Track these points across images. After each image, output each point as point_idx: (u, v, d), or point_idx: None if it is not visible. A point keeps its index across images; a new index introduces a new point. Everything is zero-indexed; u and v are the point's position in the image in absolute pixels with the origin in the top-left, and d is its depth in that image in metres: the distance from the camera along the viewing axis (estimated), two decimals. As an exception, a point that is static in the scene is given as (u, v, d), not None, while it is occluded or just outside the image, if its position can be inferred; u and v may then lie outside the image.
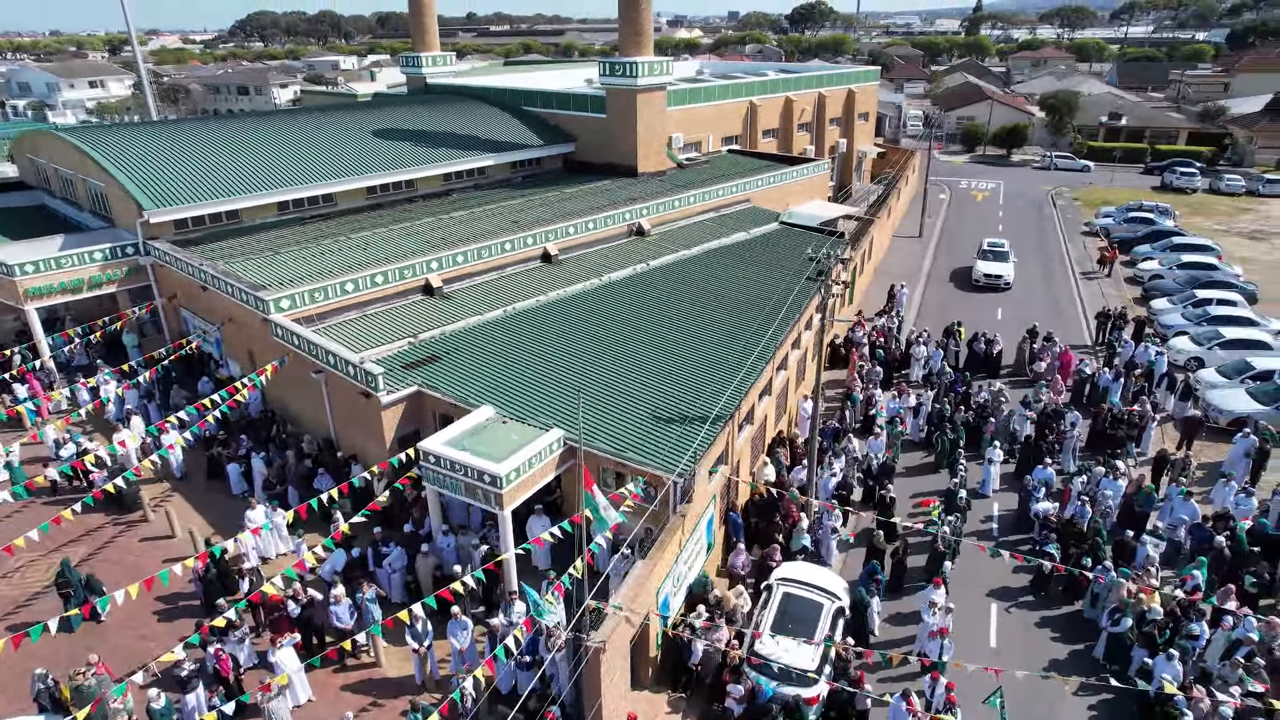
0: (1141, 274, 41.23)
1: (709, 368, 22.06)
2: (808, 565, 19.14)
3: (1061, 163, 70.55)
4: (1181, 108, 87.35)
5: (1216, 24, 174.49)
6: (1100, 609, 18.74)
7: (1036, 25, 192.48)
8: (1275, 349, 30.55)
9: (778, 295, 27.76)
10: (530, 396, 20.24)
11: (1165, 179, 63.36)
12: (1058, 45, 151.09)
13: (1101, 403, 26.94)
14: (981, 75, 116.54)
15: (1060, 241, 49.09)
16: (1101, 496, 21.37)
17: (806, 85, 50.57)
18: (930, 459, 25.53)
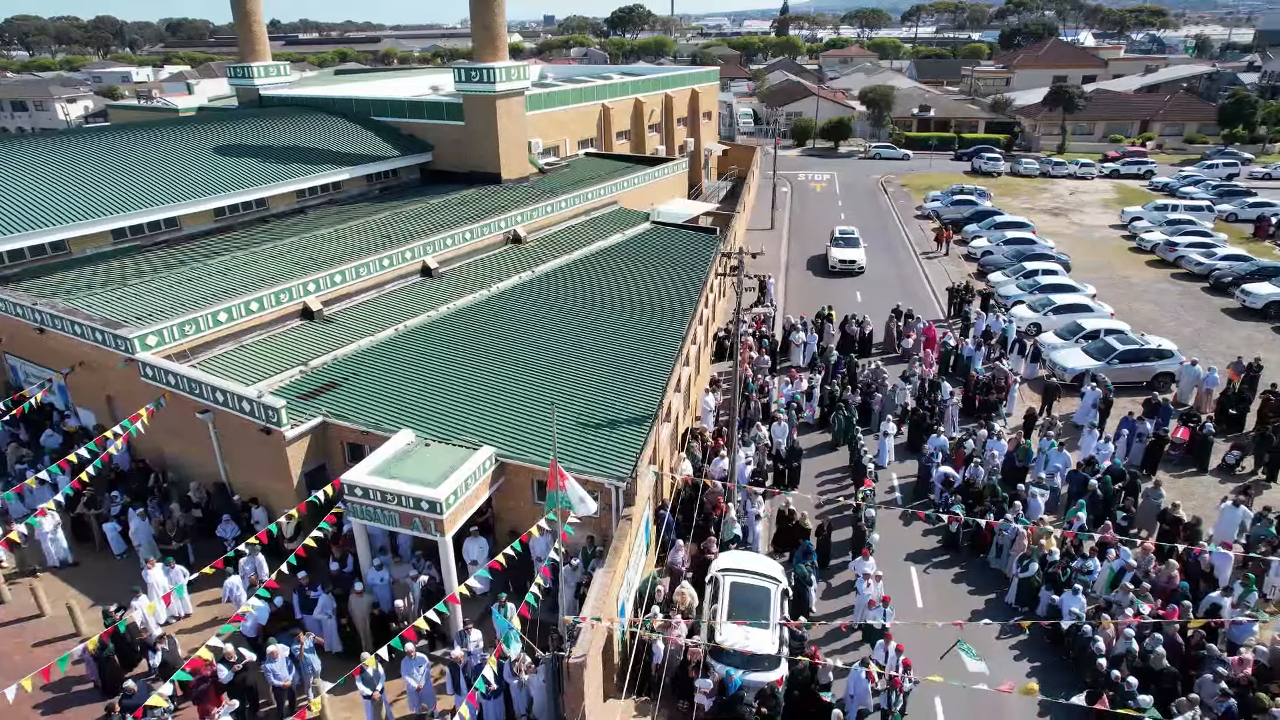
0: (974, 251, 45.16)
1: (620, 369, 22.10)
2: (743, 553, 19.60)
3: (884, 153, 76.04)
4: (975, 100, 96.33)
5: (988, 26, 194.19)
6: (1005, 558, 20.46)
7: (839, 26, 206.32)
8: (1096, 310, 34.43)
9: (670, 292, 28.22)
10: (447, 415, 19.46)
11: (974, 164, 69.74)
12: (860, 44, 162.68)
13: (968, 371, 29.37)
14: (799, 74, 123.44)
15: (898, 226, 52.92)
16: (989, 457, 23.30)
17: (654, 87, 51.60)
18: (828, 438, 26.81)
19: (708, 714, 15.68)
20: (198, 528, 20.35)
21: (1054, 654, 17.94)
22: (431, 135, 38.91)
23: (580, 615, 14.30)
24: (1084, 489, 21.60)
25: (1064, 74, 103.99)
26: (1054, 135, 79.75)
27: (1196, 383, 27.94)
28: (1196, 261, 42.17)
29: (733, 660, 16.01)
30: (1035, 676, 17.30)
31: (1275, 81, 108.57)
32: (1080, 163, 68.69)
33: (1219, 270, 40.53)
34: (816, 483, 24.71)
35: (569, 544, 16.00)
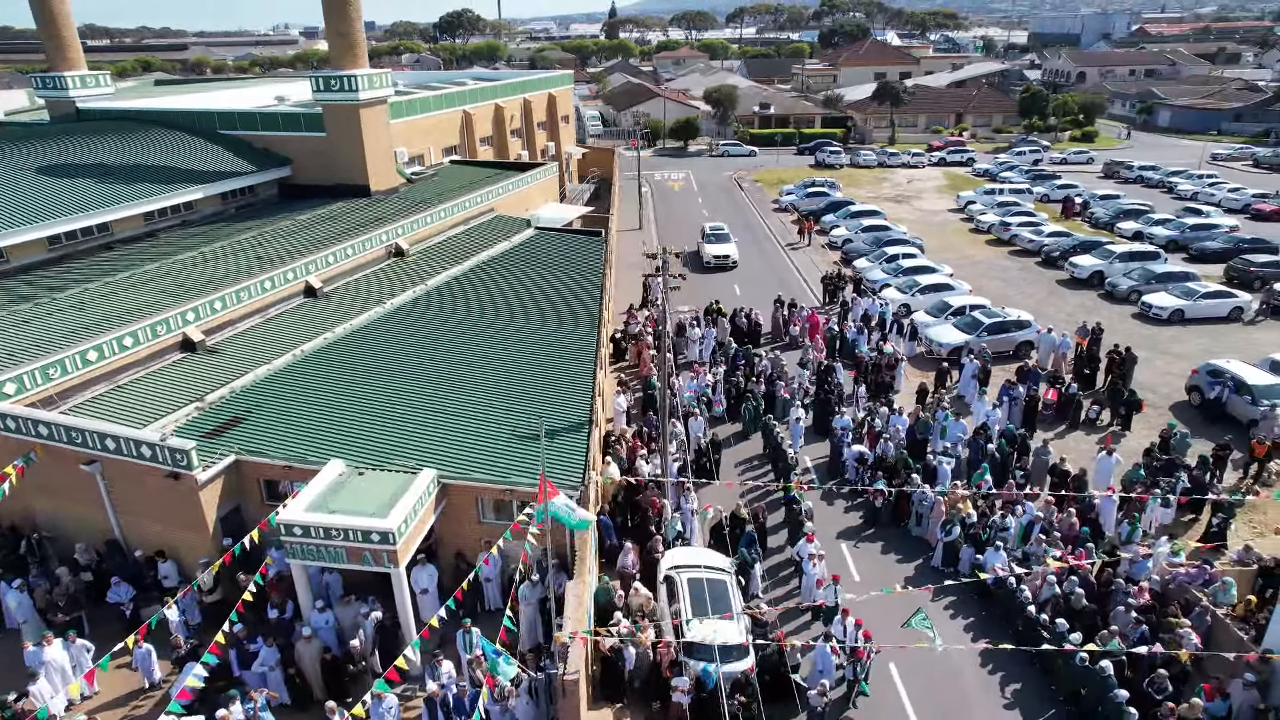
0: (835, 240, 47.65)
1: (542, 378, 21.73)
2: (688, 550, 19.80)
3: (731, 150, 78.80)
4: (808, 97, 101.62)
5: (806, 27, 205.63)
6: (925, 526, 21.81)
7: (668, 28, 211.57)
8: (957, 289, 37.30)
9: (570, 297, 28.01)
10: (374, 441, 18.44)
11: (817, 158, 73.60)
12: (691, 46, 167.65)
13: (854, 353, 31.05)
14: (636, 75, 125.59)
15: (759, 219, 55.01)
16: (894, 432, 24.73)
17: (513, 91, 50.95)
18: (739, 428, 27.52)
19: (686, 711, 15.74)
20: (89, 593, 18.21)
21: (982, 607, 19.29)
22: (289, 148, 36.57)
23: (566, 630, 13.94)
24: (984, 454, 23.37)
25: (884, 71, 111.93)
26: (884, 128, 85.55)
27: (1053, 348, 30.84)
28: (1028, 239, 46.56)
29: (703, 655, 16.15)
30: (971, 631, 18.57)
31: (1054, 78, 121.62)
32: (912, 153, 74.15)
33: (1048, 246, 44.93)
34: (736, 472, 25.33)
35: (525, 561, 15.58)
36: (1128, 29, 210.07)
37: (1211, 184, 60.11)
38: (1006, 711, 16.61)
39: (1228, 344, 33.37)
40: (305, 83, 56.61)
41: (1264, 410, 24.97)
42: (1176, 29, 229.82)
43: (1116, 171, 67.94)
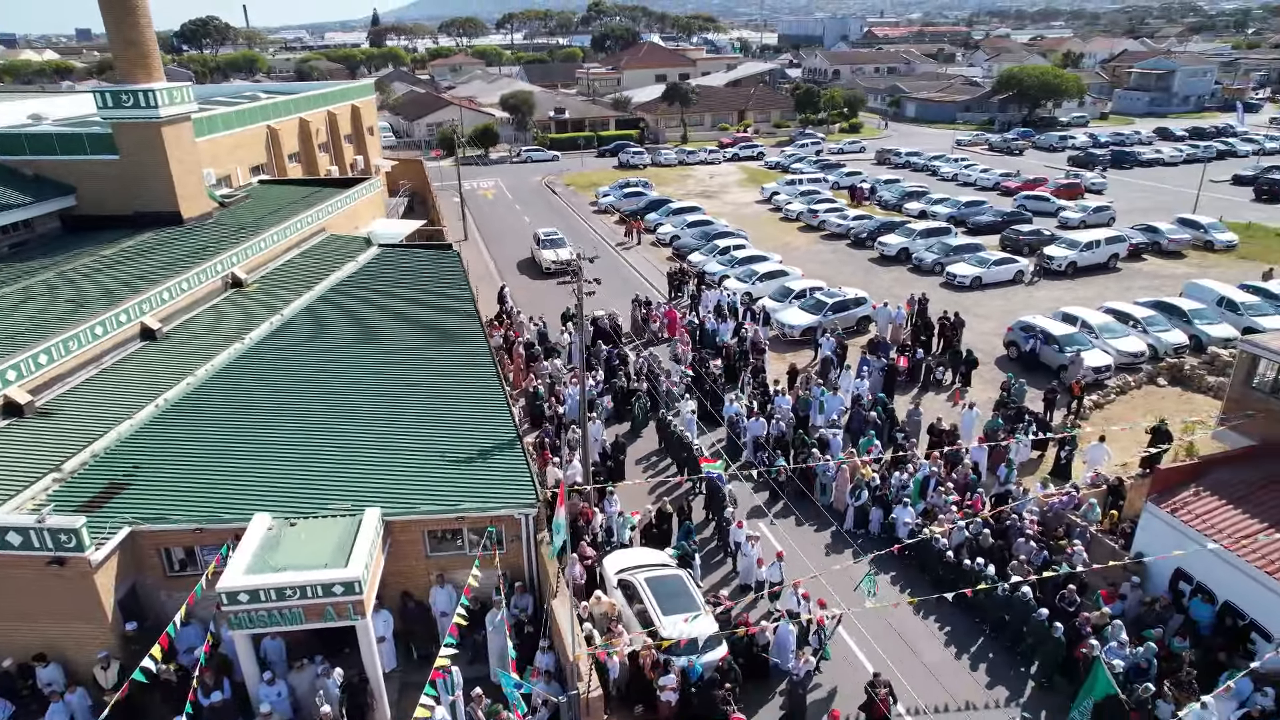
0: (663, 237, 49.15)
1: (450, 399, 20.77)
2: (628, 552, 19.88)
3: (534, 155, 78.74)
4: (595, 100, 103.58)
5: (575, 31, 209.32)
6: (829, 494, 23.30)
7: (438, 35, 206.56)
8: (791, 274, 39.90)
9: (444, 312, 26.92)
10: (295, 486, 16.80)
11: (621, 159, 75.34)
12: (465, 52, 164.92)
13: (715, 343, 32.40)
14: (415, 83, 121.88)
15: (583, 222, 55.51)
16: (782, 411, 26.14)
17: (316, 104, 47.75)
18: (628, 427, 27.81)
19: (675, 707, 15.85)
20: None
21: (901, 562, 20.95)
22: (71, 174, 31.91)
23: (570, 648, 13.57)
24: (867, 421, 25.34)
25: (664, 73, 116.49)
26: (675, 127, 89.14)
27: (890, 320, 33.91)
28: (836, 224, 50.67)
29: (682, 651, 16.32)
30: (899, 583, 20.16)
31: (814, 76, 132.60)
32: (709, 150, 77.92)
33: (854, 229, 49.16)
34: (639, 470, 25.66)
35: (477, 589, 14.97)
36: (861, 31, 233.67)
37: (966, 166, 68.54)
38: (946, 649, 18.24)
39: (1017, 303, 38.38)
40: (63, 98, 49.92)
41: (1070, 355, 29.05)
42: (896, 32, 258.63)
43: (888, 159, 75.51)
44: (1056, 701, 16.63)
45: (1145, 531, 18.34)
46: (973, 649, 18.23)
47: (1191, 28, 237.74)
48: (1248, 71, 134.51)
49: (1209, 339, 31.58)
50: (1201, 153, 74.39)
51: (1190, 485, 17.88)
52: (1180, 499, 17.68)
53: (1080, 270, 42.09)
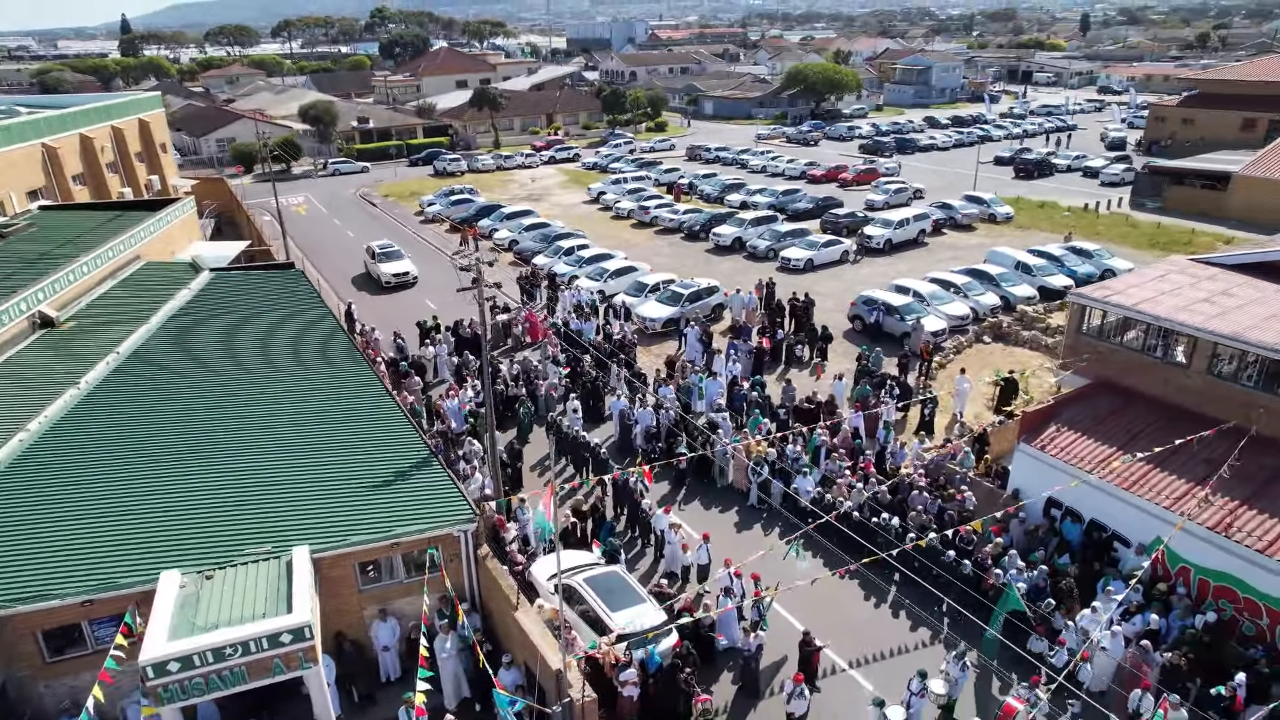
0: (501, 243, 48.39)
1: (344, 424, 19.41)
2: (553, 557, 19.54)
3: (343, 168, 74.72)
4: (397, 108, 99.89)
5: (360, 39, 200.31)
6: (729, 477, 24.11)
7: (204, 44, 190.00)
8: (640, 269, 40.68)
9: (308, 334, 25.08)
10: (200, 535, 15.09)
11: (437, 166, 73.18)
12: (241, 62, 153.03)
13: (584, 341, 32.50)
14: (190, 97, 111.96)
15: (411, 232, 53.47)
16: (670, 401, 26.69)
17: (98, 118, 42.67)
18: (514, 433, 27.26)
19: (638, 702, 15.85)
20: None
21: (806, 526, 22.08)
22: None
23: (553, 657, 13.21)
24: (749, 402, 26.43)
25: (464, 79, 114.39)
26: (485, 133, 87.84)
27: (743, 305, 35.47)
28: (668, 219, 52.16)
29: (635, 644, 16.33)
30: (812, 549, 21.23)
31: (612, 78, 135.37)
32: (525, 154, 77.48)
33: (687, 222, 50.87)
34: (535, 475, 25.29)
35: (413, 615, 14.32)
36: (646, 34, 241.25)
37: (773, 158, 72.86)
38: (867, 602, 19.50)
39: (847, 280, 41.43)
40: None
41: (911, 323, 31.83)
42: (678, 34, 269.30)
43: (699, 155, 78.63)
44: (971, 630, 18.25)
45: (1019, 469, 20.57)
46: (890, 598, 19.61)
47: (932, 29, 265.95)
48: (984, 68, 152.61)
49: (1015, 299, 35.74)
50: (966, 138, 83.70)
51: (1050, 424, 20.24)
52: (1045, 437, 19.98)
53: (895, 247, 46.10)
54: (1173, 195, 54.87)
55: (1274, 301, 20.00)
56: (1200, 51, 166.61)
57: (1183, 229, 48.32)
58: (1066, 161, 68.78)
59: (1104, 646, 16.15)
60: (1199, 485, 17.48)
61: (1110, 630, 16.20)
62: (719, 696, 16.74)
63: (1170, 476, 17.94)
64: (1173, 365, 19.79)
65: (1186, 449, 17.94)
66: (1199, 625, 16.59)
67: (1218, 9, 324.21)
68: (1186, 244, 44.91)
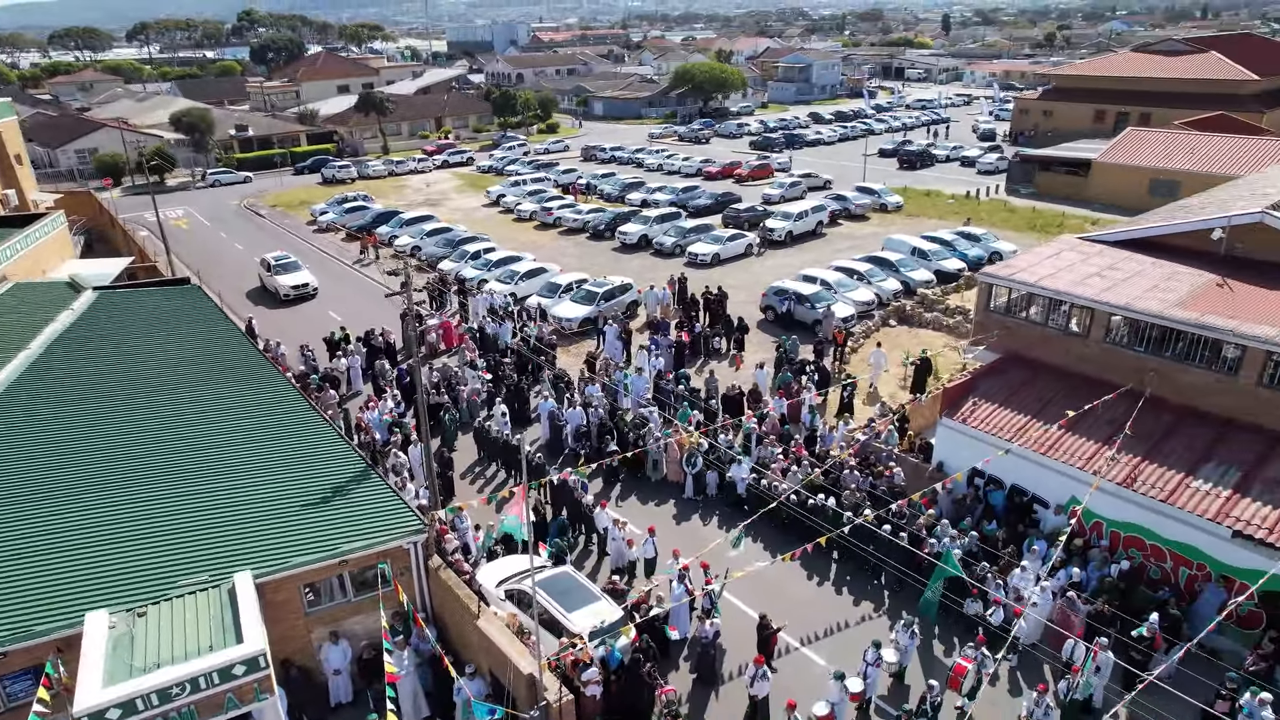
0: (403, 249, 47.03)
1: (274, 440, 18.45)
2: (498, 563, 19.26)
3: (223, 178, 70.90)
4: (276, 115, 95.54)
5: (227, 43, 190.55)
6: (662, 470, 24.27)
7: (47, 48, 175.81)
8: (550, 270, 40.40)
9: (217, 352, 23.72)
10: (128, 570, 14.02)
11: (325, 174, 70.44)
12: (94, 68, 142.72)
13: (501, 344, 32.09)
14: (37, 104, 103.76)
15: (305, 243, 51.31)
16: (599, 400, 26.61)
17: (-55, 130, 39.02)
18: (439, 442, 26.57)
19: (601, 701, 15.76)
20: None
21: (742, 514, 22.45)
22: None
23: (524, 663, 12.96)
24: (676, 396, 26.68)
25: (346, 83, 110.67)
26: (373, 138, 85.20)
27: (658, 301, 35.77)
28: (572, 219, 51.98)
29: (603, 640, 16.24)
30: (749, 535, 21.60)
31: (499, 80, 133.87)
32: (417, 159, 75.59)
33: (591, 222, 50.86)
34: (468, 483, 24.81)
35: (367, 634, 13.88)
36: (528, 36, 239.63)
37: (668, 156, 73.71)
38: (810, 582, 20.03)
39: (753, 272, 42.40)
40: None
41: (822, 311, 32.87)
42: (560, 36, 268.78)
43: (594, 155, 78.68)
44: (911, 600, 19.03)
45: (942, 442, 21.57)
46: (831, 576, 20.20)
47: (808, 29, 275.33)
48: (860, 65, 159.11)
49: (915, 283, 37.44)
50: (850, 132, 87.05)
51: (969, 398, 21.32)
52: (965, 410, 21.02)
53: (796, 238, 47.46)
54: (1042, 181, 58.76)
55: (1154, 274, 21.70)
56: (1049, 49, 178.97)
57: (1055, 212, 51.80)
58: (945, 152, 72.56)
59: (1035, 602, 17.15)
60: (1105, 445, 18.79)
61: (1040, 586, 17.22)
62: (678, 687, 16.82)
63: (1080, 439, 19.21)
64: (1073, 336, 21.19)
65: (1092, 413, 19.25)
66: (1114, 574, 17.83)
67: (1058, 11, 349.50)
68: (1059, 226, 48.17)
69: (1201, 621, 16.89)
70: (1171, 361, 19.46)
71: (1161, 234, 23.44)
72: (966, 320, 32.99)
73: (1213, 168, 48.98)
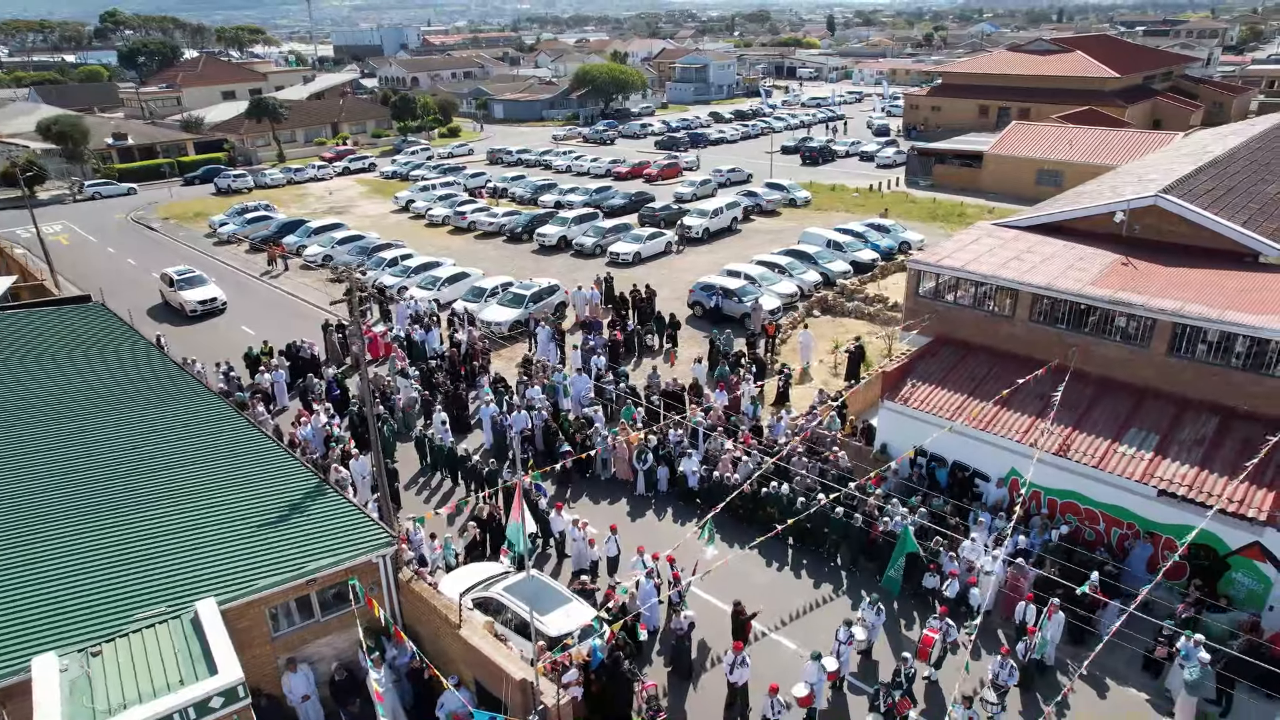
0: (313, 260, 45.25)
1: (219, 462, 17.49)
2: (460, 572, 18.85)
3: (105, 190, 66.49)
4: (156, 122, 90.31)
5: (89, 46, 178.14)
6: (611, 469, 24.25)
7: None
8: (473, 274, 39.73)
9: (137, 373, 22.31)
10: (73, 608, 13.02)
11: (219, 184, 66.98)
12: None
13: (425, 353, 31.45)
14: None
15: (206, 256, 48.74)
16: (541, 402, 26.34)
17: None
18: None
19: (582, 704, 15.64)
20: None
21: (695, 507, 22.69)
22: None
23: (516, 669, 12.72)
24: (616, 394, 26.70)
25: (232, 89, 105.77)
26: (267, 146, 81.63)
27: (586, 301, 35.69)
28: (487, 223, 51.23)
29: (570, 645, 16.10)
30: (708, 527, 21.83)
31: (394, 85, 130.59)
32: (316, 166, 72.87)
33: (507, 225, 50.26)
34: (413, 494, 24.18)
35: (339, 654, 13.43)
36: (418, 40, 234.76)
37: (576, 158, 73.57)
38: (770, 568, 20.41)
39: (674, 269, 42.83)
40: None
41: (750, 304, 33.53)
42: (451, 39, 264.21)
43: (500, 158, 77.73)
44: (867, 578, 19.67)
45: (884, 424, 22.37)
46: (789, 561, 20.65)
47: (699, 30, 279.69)
48: (754, 65, 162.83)
49: (833, 274, 38.65)
50: (752, 130, 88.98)
51: (907, 380, 22.18)
52: (904, 393, 21.86)
53: (713, 235, 48.20)
54: (938, 173, 61.64)
55: (1067, 255, 23.12)
56: (929, 49, 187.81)
57: (954, 202, 54.42)
58: (845, 148, 75.12)
59: (988, 571, 18.03)
60: (1039, 418, 19.90)
61: (991, 556, 18.10)
62: (654, 682, 16.85)
63: (1015, 414, 20.28)
64: (1000, 317, 22.34)
65: (1024, 388, 20.35)
66: (1054, 539, 18.92)
67: (932, 13, 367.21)
68: (960, 215, 50.69)
69: (1133, 577, 18.20)
70: (1090, 337, 20.78)
71: (1068, 218, 25.00)
72: (887, 308, 34.37)
73: (1090, 158, 52.51)
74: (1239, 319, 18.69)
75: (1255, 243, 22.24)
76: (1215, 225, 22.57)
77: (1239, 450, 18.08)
